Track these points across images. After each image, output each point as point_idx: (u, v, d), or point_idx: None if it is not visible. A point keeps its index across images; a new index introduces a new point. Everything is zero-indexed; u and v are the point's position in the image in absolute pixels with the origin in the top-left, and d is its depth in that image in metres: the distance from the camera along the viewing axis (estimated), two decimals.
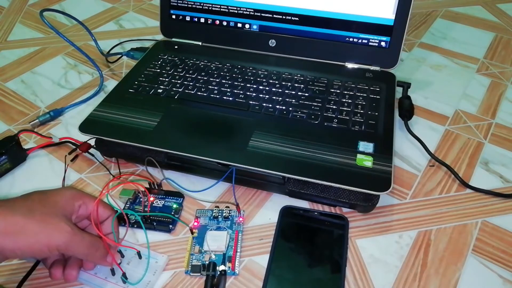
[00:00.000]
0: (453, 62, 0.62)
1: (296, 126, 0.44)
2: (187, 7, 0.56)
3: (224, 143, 0.42)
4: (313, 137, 0.42)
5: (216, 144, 0.42)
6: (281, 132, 0.43)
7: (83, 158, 0.48)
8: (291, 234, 0.38)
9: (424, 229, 0.40)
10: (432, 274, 0.37)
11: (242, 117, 0.45)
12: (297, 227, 0.39)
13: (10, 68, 0.62)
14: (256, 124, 0.44)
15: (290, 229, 0.39)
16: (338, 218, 0.40)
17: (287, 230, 0.39)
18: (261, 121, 0.45)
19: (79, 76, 0.61)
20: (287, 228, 0.39)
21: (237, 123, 0.44)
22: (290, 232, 0.38)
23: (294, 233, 0.38)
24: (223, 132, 0.43)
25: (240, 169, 0.40)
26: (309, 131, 0.43)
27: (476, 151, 0.48)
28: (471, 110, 0.54)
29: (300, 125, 0.44)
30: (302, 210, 0.41)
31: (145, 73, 0.53)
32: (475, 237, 0.40)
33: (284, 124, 0.45)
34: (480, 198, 0.43)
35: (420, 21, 0.72)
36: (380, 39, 0.51)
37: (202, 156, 0.40)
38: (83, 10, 0.76)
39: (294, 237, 0.38)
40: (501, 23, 0.71)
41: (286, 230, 0.39)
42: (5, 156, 0.45)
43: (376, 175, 0.38)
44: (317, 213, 0.40)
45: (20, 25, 0.72)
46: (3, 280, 0.37)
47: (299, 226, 0.39)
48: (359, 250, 0.38)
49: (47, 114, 0.52)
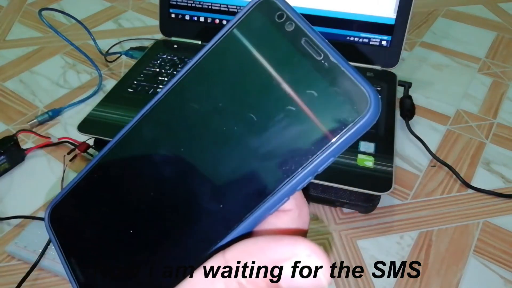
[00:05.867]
0: (454, 62, 0.62)
1: None
2: (187, 6, 0.56)
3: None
4: None
5: None
6: None
7: (82, 158, 0.48)
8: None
9: (425, 229, 0.40)
10: (434, 275, 0.36)
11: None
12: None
13: (9, 67, 0.62)
14: None
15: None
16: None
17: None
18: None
19: (78, 76, 0.60)
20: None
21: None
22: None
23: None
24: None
25: None
26: None
27: (478, 151, 0.48)
28: (472, 109, 0.54)
29: None
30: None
31: (144, 72, 0.52)
32: (477, 237, 0.39)
33: None
34: (481, 199, 0.43)
35: (421, 20, 0.71)
36: (381, 38, 0.51)
37: None
38: (82, 9, 0.75)
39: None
40: (502, 22, 0.71)
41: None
42: (3, 156, 0.45)
43: (377, 175, 0.38)
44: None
45: (19, 24, 0.72)
46: (2, 280, 0.36)
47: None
48: (360, 251, 0.38)
49: (45, 114, 0.52)
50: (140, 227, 0.15)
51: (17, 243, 0.38)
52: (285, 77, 0.13)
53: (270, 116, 0.13)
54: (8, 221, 0.41)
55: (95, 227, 0.16)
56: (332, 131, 0.13)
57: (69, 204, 0.17)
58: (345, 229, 0.40)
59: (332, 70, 0.13)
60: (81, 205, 0.17)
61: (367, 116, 0.12)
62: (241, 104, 0.14)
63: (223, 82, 0.14)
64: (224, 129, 0.14)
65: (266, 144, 0.13)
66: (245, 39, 0.14)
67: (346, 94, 0.13)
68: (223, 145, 0.14)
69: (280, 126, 0.13)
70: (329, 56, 0.13)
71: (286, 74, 0.13)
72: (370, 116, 0.12)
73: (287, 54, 0.13)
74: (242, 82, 0.14)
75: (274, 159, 0.13)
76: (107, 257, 0.15)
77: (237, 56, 0.14)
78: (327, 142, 0.13)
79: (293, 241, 0.12)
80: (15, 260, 0.38)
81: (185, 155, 0.15)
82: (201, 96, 0.15)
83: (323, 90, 0.13)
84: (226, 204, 0.14)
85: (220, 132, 0.14)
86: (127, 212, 0.15)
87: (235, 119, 0.14)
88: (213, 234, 0.13)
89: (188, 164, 0.15)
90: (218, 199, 0.14)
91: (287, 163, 0.13)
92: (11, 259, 0.39)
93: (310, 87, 0.13)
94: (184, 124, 0.15)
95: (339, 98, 0.13)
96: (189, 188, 0.14)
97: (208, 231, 0.14)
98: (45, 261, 0.37)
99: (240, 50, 0.14)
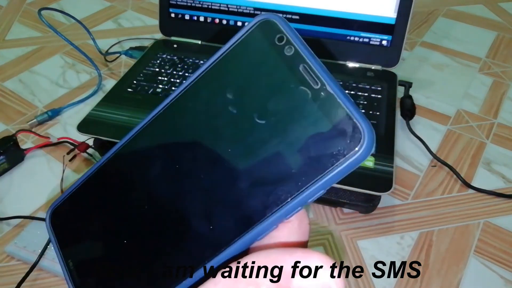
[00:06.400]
0: (455, 61, 0.62)
1: None
2: (186, 5, 0.56)
3: None
4: None
5: None
6: None
7: (81, 158, 0.48)
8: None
9: (426, 230, 0.40)
10: (434, 275, 0.36)
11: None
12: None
13: (8, 67, 0.62)
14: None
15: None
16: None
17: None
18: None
19: (77, 76, 0.60)
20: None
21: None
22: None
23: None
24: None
25: None
26: None
27: (478, 151, 0.48)
28: (473, 109, 0.54)
29: None
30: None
31: (144, 72, 0.52)
32: (477, 238, 0.39)
33: None
34: (482, 199, 0.43)
35: (422, 20, 0.71)
36: (382, 38, 0.51)
37: None
38: (82, 9, 0.75)
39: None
40: (503, 22, 0.71)
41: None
42: (2, 156, 0.45)
43: (377, 176, 0.38)
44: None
45: (18, 24, 0.72)
46: (2, 281, 0.36)
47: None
48: (360, 251, 0.38)
49: (45, 113, 0.52)
50: (135, 235, 0.15)
51: (16, 243, 0.38)
52: (279, 103, 0.13)
53: (259, 143, 0.13)
54: (7, 221, 0.41)
55: (92, 231, 0.16)
56: (323, 164, 0.12)
57: (70, 206, 0.17)
58: (345, 229, 0.40)
59: (328, 101, 0.12)
60: (81, 208, 0.17)
61: (360, 151, 0.12)
62: (232, 127, 0.14)
63: (217, 104, 0.14)
64: (216, 153, 0.14)
65: (256, 171, 0.13)
66: (243, 60, 0.14)
67: (340, 127, 0.12)
68: (213, 168, 0.14)
69: (269, 154, 0.13)
70: (326, 86, 0.13)
71: (280, 101, 0.13)
72: (363, 151, 0.12)
73: (283, 80, 0.13)
74: (236, 105, 0.14)
75: (264, 187, 0.13)
76: (102, 262, 0.15)
77: (234, 77, 0.14)
78: (317, 175, 0.12)
79: (306, 253, 0.12)
80: (14, 260, 0.38)
81: (182, 173, 0.15)
82: (195, 116, 0.15)
83: (317, 121, 0.13)
84: (217, 225, 0.14)
85: (210, 156, 0.14)
86: (123, 219, 0.15)
87: (225, 142, 0.14)
88: (205, 252, 0.13)
89: (185, 181, 0.14)
90: (209, 219, 0.14)
91: (277, 193, 0.13)
92: (10, 259, 0.38)
93: (304, 117, 0.13)
94: (177, 143, 0.15)
95: (332, 131, 0.12)
96: (185, 202, 0.14)
97: (199, 249, 0.14)
98: (44, 261, 0.37)
99: (237, 71, 0.14)
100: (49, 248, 0.37)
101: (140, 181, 0.15)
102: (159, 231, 0.15)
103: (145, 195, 0.15)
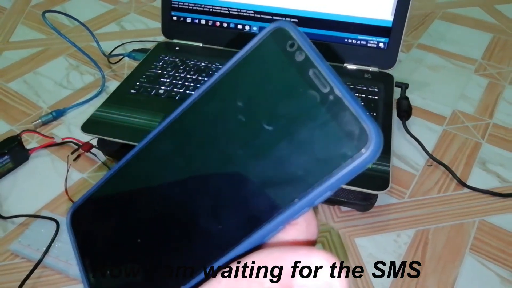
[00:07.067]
0: (450, 63, 0.63)
1: None
2: (188, 8, 0.57)
3: None
4: None
5: None
6: None
7: (85, 158, 0.48)
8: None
9: (422, 228, 0.41)
10: (430, 273, 0.37)
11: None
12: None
13: (13, 68, 0.63)
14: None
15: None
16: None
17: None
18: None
19: (81, 77, 0.61)
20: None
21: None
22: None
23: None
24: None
25: None
26: None
27: (474, 151, 0.49)
28: (468, 110, 0.55)
29: None
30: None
31: (147, 74, 0.53)
32: (473, 236, 0.40)
33: None
34: (477, 198, 0.44)
35: (418, 22, 0.72)
36: (379, 40, 0.52)
37: None
38: (85, 11, 0.76)
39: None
40: (498, 24, 0.72)
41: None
42: (7, 156, 0.46)
43: (374, 175, 0.39)
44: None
45: (23, 26, 0.73)
46: (7, 278, 0.37)
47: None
48: (358, 249, 0.39)
49: (49, 114, 0.53)
50: (151, 237, 0.15)
51: (20, 241, 0.39)
52: (289, 107, 0.14)
53: (269, 145, 0.14)
54: (12, 219, 0.42)
55: (109, 232, 0.17)
56: (331, 166, 0.12)
57: (90, 207, 0.17)
58: (343, 227, 0.41)
59: (337, 104, 0.13)
60: (100, 209, 0.17)
61: (367, 153, 0.12)
62: (243, 131, 0.14)
63: (230, 109, 0.15)
64: (228, 156, 0.14)
65: (265, 173, 0.13)
66: (256, 66, 0.14)
67: (347, 129, 0.12)
68: (224, 170, 0.14)
69: (277, 156, 0.13)
70: (334, 90, 0.13)
71: (290, 104, 0.14)
72: (371, 154, 0.12)
73: (293, 84, 0.14)
74: (248, 110, 0.14)
75: (272, 189, 0.13)
76: (117, 262, 0.16)
77: (247, 83, 0.15)
78: (324, 176, 0.13)
79: (307, 252, 0.12)
80: (18, 258, 0.39)
81: (196, 176, 0.15)
82: (209, 121, 0.15)
83: (325, 123, 0.13)
84: (226, 226, 0.14)
85: (221, 159, 0.14)
86: (140, 220, 0.16)
87: (236, 145, 0.14)
88: (213, 252, 0.14)
89: (198, 184, 0.15)
90: (219, 220, 0.14)
91: (284, 194, 0.13)
92: (15, 257, 0.39)
93: (313, 120, 0.13)
94: (192, 146, 0.15)
95: (340, 134, 0.13)
96: (197, 204, 0.15)
97: (208, 249, 0.14)
98: (48, 259, 0.37)
99: (251, 77, 0.14)
100: (53, 246, 0.38)
101: (156, 183, 0.16)
102: (174, 232, 0.15)
103: (161, 197, 0.16)
